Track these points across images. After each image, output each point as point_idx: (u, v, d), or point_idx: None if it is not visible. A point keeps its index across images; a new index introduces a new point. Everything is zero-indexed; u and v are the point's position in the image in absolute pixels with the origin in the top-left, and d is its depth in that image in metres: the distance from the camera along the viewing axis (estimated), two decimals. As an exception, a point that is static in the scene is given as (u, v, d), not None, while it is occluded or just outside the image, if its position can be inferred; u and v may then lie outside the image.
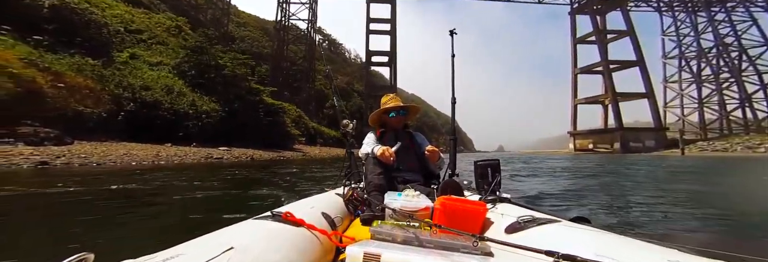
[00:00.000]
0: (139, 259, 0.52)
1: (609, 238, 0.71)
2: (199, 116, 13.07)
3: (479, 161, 1.39)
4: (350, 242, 0.85)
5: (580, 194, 3.67)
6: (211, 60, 16.35)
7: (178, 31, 25.93)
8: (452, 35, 1.85)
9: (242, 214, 2.02)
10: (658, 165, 10.22)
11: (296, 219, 0.83)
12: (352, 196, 1.36)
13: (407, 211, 1.08)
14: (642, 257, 0.58)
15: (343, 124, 1.89)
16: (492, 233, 0.92)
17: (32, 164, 5.39)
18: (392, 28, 41.22)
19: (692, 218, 2.43)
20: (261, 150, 15.17)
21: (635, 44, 38.32)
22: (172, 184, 4.08)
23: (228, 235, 0.69)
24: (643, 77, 36.43)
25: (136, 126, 10.26)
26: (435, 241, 0.81)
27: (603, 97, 38.72)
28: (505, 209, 1.07)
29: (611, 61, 39.14)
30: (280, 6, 39.65)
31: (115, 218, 2.18)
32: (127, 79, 10.92)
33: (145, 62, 15.79)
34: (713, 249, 0.63)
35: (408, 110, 1.77)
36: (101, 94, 9.37)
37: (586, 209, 2.76)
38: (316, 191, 2.06)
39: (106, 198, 2.95)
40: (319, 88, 42.50)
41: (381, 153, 1.47)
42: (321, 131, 31.97)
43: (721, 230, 2.08)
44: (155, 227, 2.02)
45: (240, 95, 16.79)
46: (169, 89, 12.57)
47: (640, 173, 7.14)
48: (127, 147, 8.32)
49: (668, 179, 5.86)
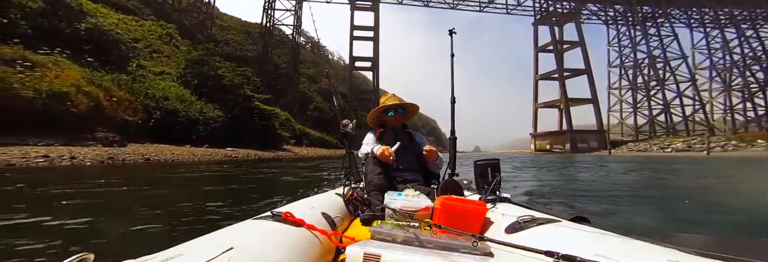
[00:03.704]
0: (139, 259, 0.53)
1: (609, 238, 0.71)
2: (207, 122, 15.25)
3: (479, 161, 1.39)
4: (350, 242, 0.85)
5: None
6: (210, 70, 18.40)
7: (169, 39, 27.19)
8: (451, 35, 1.87)
9: (300, 188, 2.77)
10: (569, 162, 13.86)
11: (296, 219, 0.83)
12: (352, 196, 1.34)
13: (407, 211, 1.08)
14: (642, 257, 0.58)
15: (343, 124, 1.89)
16: (492, 233, 0.92)
17: (129, 159, 7.74)
18: (375, 34, 43.94)
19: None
20: (259, 150, 17.50)
21: (584, 54, 43.99)
22: (248, 171, 6.73)
23: (228, 235, 0.70)
24: (589, 84, 42.18)
25: (160, 131, 12.43)
26: (435, 241, 0.81)
27: (558, 102, 44.05)
28: (505, 209, 1.08)
29: (565, 69, 44.62)
30: (265, 12, 41.27)
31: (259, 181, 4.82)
32: (151, 91, 13.02)
33: (149, 72, 17.57)
34: (713, 249, 0.62)
35: (406, 109, 1.77)
36: (136, 105, 11.53)
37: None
38: (321, 177, 3.53)
39: (227, 176, 5.58)
40: (303, 90, 44.49)
41: (381, 153, 1.48)
42: (307, 133, 34.19)
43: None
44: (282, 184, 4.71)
45: (237, 102, 18.97)
46: (182, 98, 14.69)
47: (555, 166, 10.25)
48: (166, 148, 10.60)
49: (562, 171, 8.40)
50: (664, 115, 39.50)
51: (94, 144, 8.40)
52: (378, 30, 44.17)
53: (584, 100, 42.13)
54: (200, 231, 0.73)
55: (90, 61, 11.06)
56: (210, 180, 4.99)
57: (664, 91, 39.60)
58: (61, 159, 5.98)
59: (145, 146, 9.93)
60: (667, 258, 0.56)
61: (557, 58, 45.19)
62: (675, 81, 39.54)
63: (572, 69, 44.15)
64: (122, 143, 9.29)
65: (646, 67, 42.22)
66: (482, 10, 49.77)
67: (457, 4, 48.03)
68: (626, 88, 44.31)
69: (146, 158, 8.03)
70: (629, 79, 44.04)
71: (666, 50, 41.80)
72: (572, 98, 42.24)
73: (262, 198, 3.05)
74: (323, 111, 43.13)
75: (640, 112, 42.01)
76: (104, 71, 11.51)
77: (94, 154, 7.18)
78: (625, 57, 45.50)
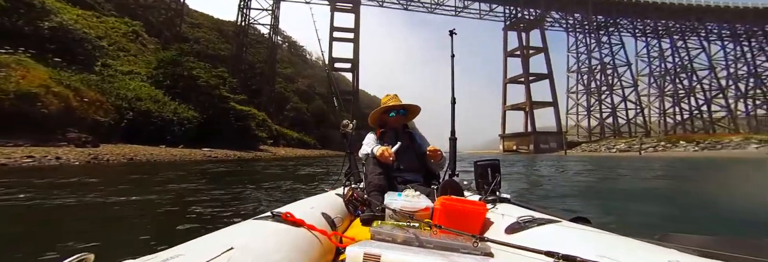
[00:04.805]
0: (139, 259, 0.53)
1: (609, 238, 0.72)
2: (182, 122, 15.18)
3: (479, 161, 1.40)
4: (350, 242, 0.85)
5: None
6: (184, 71, 18.15)
7: (135, 37, 26.00)
8: (452, 35, 1.88)
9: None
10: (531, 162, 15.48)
11: (296, 219, 0.84)
12: (352, 196, 1.35)
13: (407, 211, 1.09)
14: (643, 257, 0.58)
15: (343, 124, 1.89)
16: (492, 233, 0.92)
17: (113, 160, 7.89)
18: (355, 36, 44.20)
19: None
20: (236, 151, 17.56)
21: (547, 60, 47.46)
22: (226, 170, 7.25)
23: (228, 235, 0.71)
24: (551, 88, 45.74)
25: (133, 131, 12.33)
26: (435, 241, 0.81)
27: (524, 105, 47.25)
28: (505, 209, 1.08)
29: (531, 74, 47.89)
30: (240, 11, 40.41)
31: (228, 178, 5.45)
32: (122, 91, 12.84)
33: (117, 71, 17.00)
34: (713, 249, 0.63)
35: (408, 110, 1.78)
36: (107, 106, 11.43)
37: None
38: (305, 175, 4.73)
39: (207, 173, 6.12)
40: (280, 90, 43.96)
41: (380, 153, 1.48)
42: (284, 133, 34.03)
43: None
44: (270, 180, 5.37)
45: (213, 103, 18.86)
46: (155, 99, 14.54)
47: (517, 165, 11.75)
48: (142, 149, 10.64)
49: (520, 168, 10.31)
50: (612, 118, 43.98)
51: (66, 145, 8.42)
52: (359, 31, 44.49)
53: (546, 103, 45.63)
54: (208, 229, 0.76)
55: (57, 61, 10.80)
56: (213, 178, 5.48)
57: (612, 95, 44.16)
58: (48, 159, 6.16)
59: (119, 147, 9.96)
60: (667, 258, 0.56)
61: (524, 63, 48.35)
62: (621, 86, 44.20)
63: (537, 73, 47.55)
64: (95, 144, 9.31)
65: (598, 73, 46.64)
66: (457, 15, 51.99)
67: (434, 8, 49.95)
68: (582, 93, 48.63)
69: (130, 158, 8.21)
70: (585, 83, 48.32)
71: (615, 57, 46.52)
72: (536, 101, 45.58)
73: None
74: (301, 111, 42.90)
75: (593, 115, 46.41)
76: (71, 71, 11.27)
77: (78, 154, 7.34)
78: (581, 63, 49.86)
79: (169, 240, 0.71)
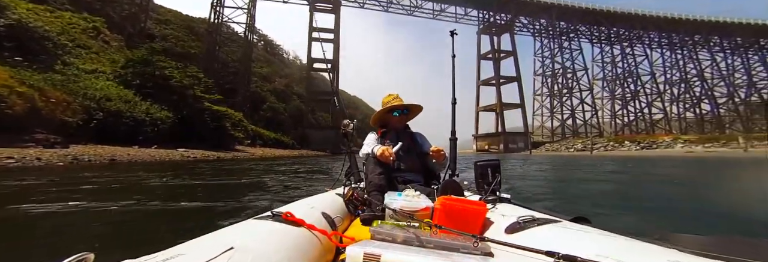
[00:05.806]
0: (139, 259, 0.53)
1: (609, 238, 0.72)
2: (155, 123, 14.84)
3: (479, 161, 1.40)
4: (350, 242, 0.85)
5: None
6: (155, 70, 17.59)
7: (96, 33, 24.46)
8: (453, 36, 1.89)
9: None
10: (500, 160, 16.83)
11: (296, 219, 0.84)
12: (353, 196, 1.36)
13: (407, 211, 1.09)
14: (643, 257, 0.58)
15: (343, 124, 1.88)
16: (492, 233, 0.92)
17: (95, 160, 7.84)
18: (336, 37, 43.92)
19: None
20: (212, 151, 17.35)
21: (516, 63, 50.51)
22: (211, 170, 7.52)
23: (228, 235, 0.71)
24: (519, 91, 48.74)
25: (104, 131, 11.99)
26: (435, 241, 0.81)
27: (495, 106, 49.84)
28: (505, 209, 1.08)
29: (501, 77, 50.64)
30: (213, 9, 39.10)
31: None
32: (90, 91, 12.40)
33: (80, 70, 16.14)
34: (713, 249, 0.62)
35: (411, 110, 1.78)
36: (75, 106, 11.10)
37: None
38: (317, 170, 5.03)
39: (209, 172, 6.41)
40: (256, 90, 43.00)
41: (381, 153, 1.48)
42: (260, 133, 33.48)
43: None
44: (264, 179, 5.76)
45: (187, 103, 18.44)
46: (125, 99, 14.12)
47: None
48: (114, 149, 10.46)
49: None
50: (571, 119, 47.79)
51: (34, 146, 8.23)
52: (338, 32, 44.31)
53: (515, 105, 48.51)
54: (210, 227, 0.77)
55: (17, 60, 10.32)
56: (200, 176, 5.82)
57: (572, 98, 47.98)
58: (29, 161, 6.16)
59: (90, 147, 9.76)
60: (668, 258, 0.57)
61: (495, 66, 50.99)
62: (579, 89, 48.18)
63: (506, 76, 50.31)
64: (64, 145, 9.11)
65: (560, 77, 50.38)
66: (435, 18, 53.51)
67: (413, 11, 51.28)
68: (546, 95, 52.17)
69: (112, 159, 8.20)
70: (548, 86, 51.92)
71: (574, 62, 50.51)
72: (506, 103, 48.35)
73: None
74: (278, 111, 42.24)
75: (555, 116, 50.04)
76: (32, 71, 10.79)
77: (61, 156, 7.31)
78: (545, 67, 53.51)
79: (169, 240, 0.73)
